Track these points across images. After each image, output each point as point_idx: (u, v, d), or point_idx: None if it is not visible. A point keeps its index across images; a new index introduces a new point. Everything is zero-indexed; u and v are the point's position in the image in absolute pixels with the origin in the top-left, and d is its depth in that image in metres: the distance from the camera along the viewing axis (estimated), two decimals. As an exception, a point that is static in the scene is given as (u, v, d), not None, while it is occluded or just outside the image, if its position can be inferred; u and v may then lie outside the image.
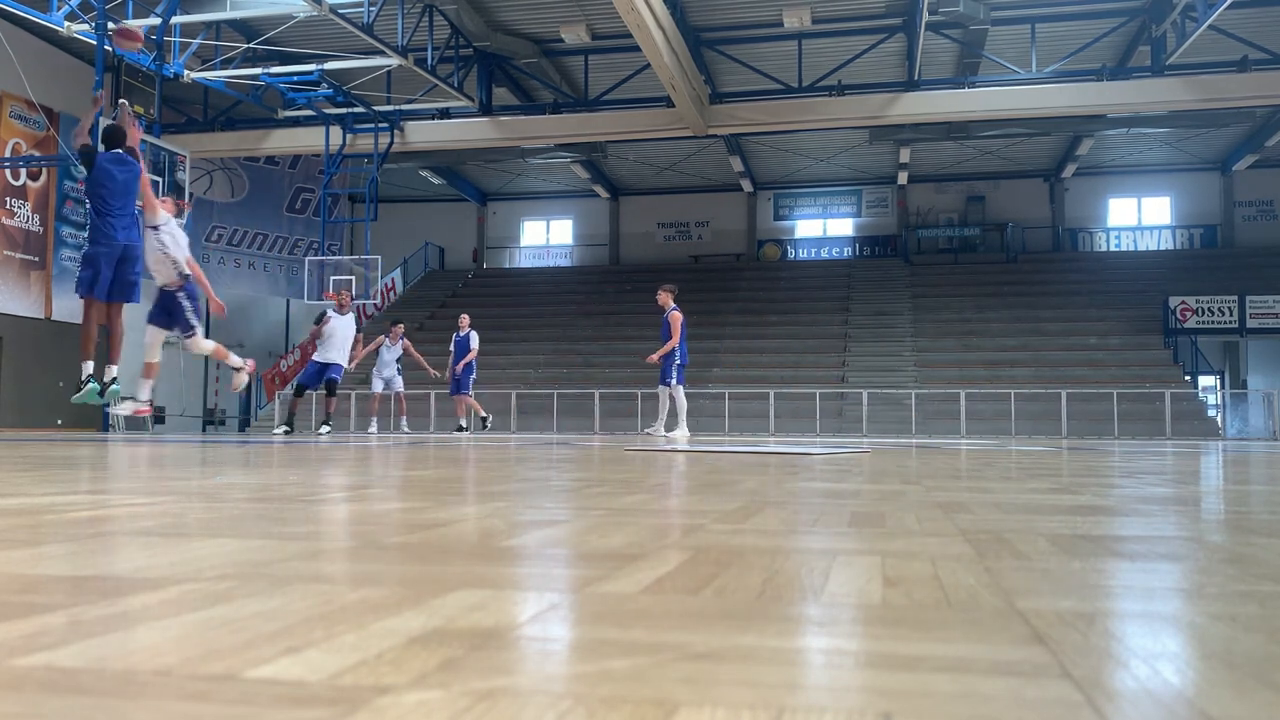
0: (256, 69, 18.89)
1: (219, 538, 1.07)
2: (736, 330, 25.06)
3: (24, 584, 0.75)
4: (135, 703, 0.43)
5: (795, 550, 0.98)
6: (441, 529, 1.17)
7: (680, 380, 13.31)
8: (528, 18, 19.26)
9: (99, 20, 15.13)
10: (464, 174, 29.30)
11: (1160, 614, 0.67)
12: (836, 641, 0.57)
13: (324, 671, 0.49)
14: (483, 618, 0.63)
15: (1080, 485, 2.15)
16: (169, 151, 16.78)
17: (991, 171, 28.14)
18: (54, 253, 20.11)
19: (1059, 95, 18.19)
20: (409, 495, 1.76)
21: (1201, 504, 1.66)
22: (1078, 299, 24.25)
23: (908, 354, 23.43)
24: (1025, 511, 1.47)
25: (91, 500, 1.59)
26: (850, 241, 29.95)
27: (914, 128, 21.43)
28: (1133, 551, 0.99)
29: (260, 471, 2.65)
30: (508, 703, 0.44)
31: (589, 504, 1.58)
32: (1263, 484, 2.27)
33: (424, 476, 2.42)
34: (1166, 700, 0.45)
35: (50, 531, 1.12)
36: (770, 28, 19.13)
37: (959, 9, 16.08)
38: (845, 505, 1.56)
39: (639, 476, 2.44)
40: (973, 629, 0.60)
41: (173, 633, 0.58)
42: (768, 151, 26.81)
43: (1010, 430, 19.31)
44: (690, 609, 0.66)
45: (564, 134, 20.78)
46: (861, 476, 2.48)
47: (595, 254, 31.25)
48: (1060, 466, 3.26)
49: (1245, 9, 16.14)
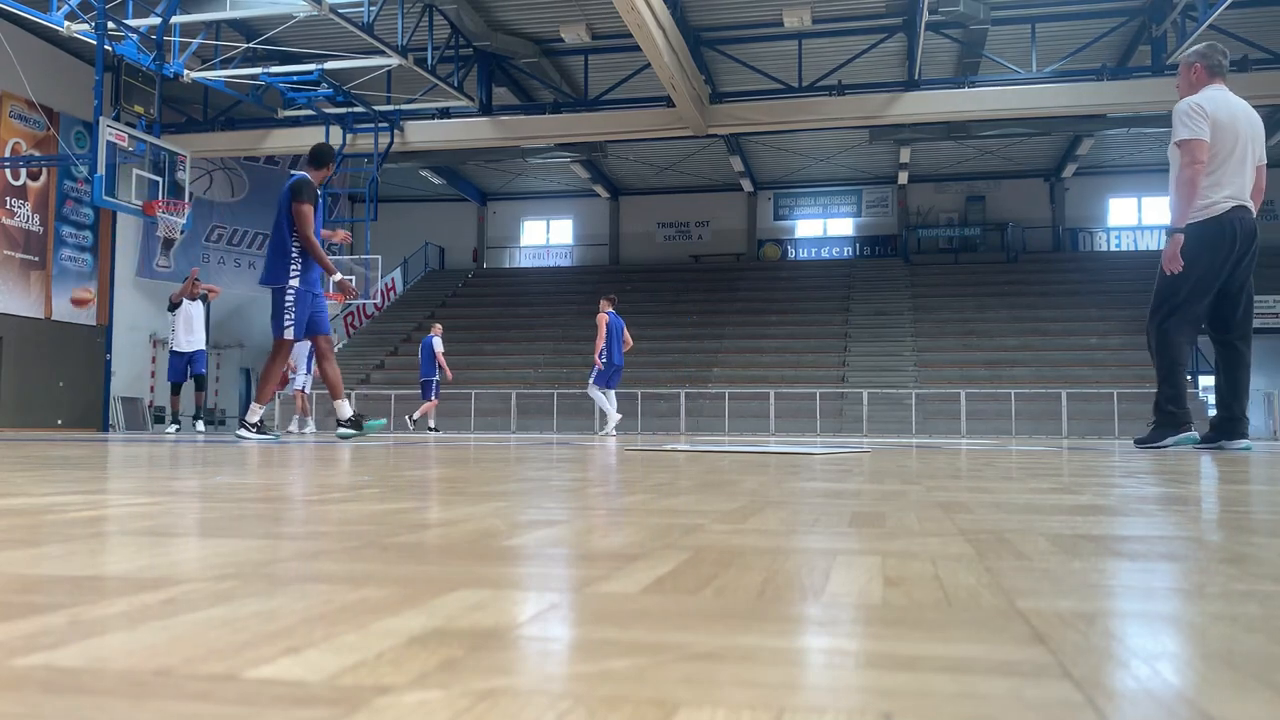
0: (256, 69, 18.89)
1: (219, 538, 1.07)
2: (736, 330, 25.05)
3: (24, 584, 0.75)
4: (135, 703, 0.43)
5: (795, 550, 0.98)
6: (441, 529, 1.17)
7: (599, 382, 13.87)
8: (528, 17, 19.25)
9: (99, 20, 15.12)
10: (464, 174, 29.28)
11: (1160, 614, 0.67)
12: (837, 641, 0.57)
13: (324, 671, 0.49)
14: (483, 618, 0.63)
15: (1080, 485, 2.15)
16: (169, 151, 16.77)
17: (991, 171, 28.13)
18: (54, 253, 20.10)
19: (1059, 95, 18.19)
20: (409, 495, 1.76)
21: (1202, 504, 1.66)
22: (1078, 299, 24.25)
23: (908, 354, 23.41)
24: (1025, 511, 1.47)
25: (91, 500, 1.60)
26: (850, 241, 29.94)
27: (914, 127, 21.43)
28: (1133, 551, 0.99)
29: (260, 471, 2.65)
30: (508, 703, 0.44)
31: (589, 504, 1.58)
32: (1263, 484, 2.27)
33: (424, 476, 2.43)
34: (1167, 700, 0.45)
35: (50, 531, 1.12)
36: (770, 27, 19.13)
37: (959, 9, 16.08)
38: (845, 505, 1.56)
39: (639, 476, 2.44)
40: (973, 629, 0.60)
41: (173, 633, 0.58)
42: (768, 151, 26.79)
43: (1010, 430, 19.31)
44: (690, 609, 0.66)
45: (564, 134, 20.77)
46: (862, 476, 2.48)
47: (595, 254, 31.22)
48: (1060, 466, 3.26)
49: (1245, 9, 16.15)
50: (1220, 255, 5.47)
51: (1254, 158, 5.52)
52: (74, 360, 20.37)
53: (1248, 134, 5.49)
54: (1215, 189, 5.48)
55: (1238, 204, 5.46)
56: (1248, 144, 5.49)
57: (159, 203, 16.12)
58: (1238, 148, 5.47)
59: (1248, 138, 5.49)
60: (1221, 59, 5.74)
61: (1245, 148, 5.48)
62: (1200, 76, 5.72)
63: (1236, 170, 5.46)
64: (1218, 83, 5.66)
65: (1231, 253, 5.47)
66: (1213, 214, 5.47)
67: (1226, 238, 5.45)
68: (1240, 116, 5.52)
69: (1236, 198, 5.46)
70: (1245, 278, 5.56)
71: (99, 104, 15.33)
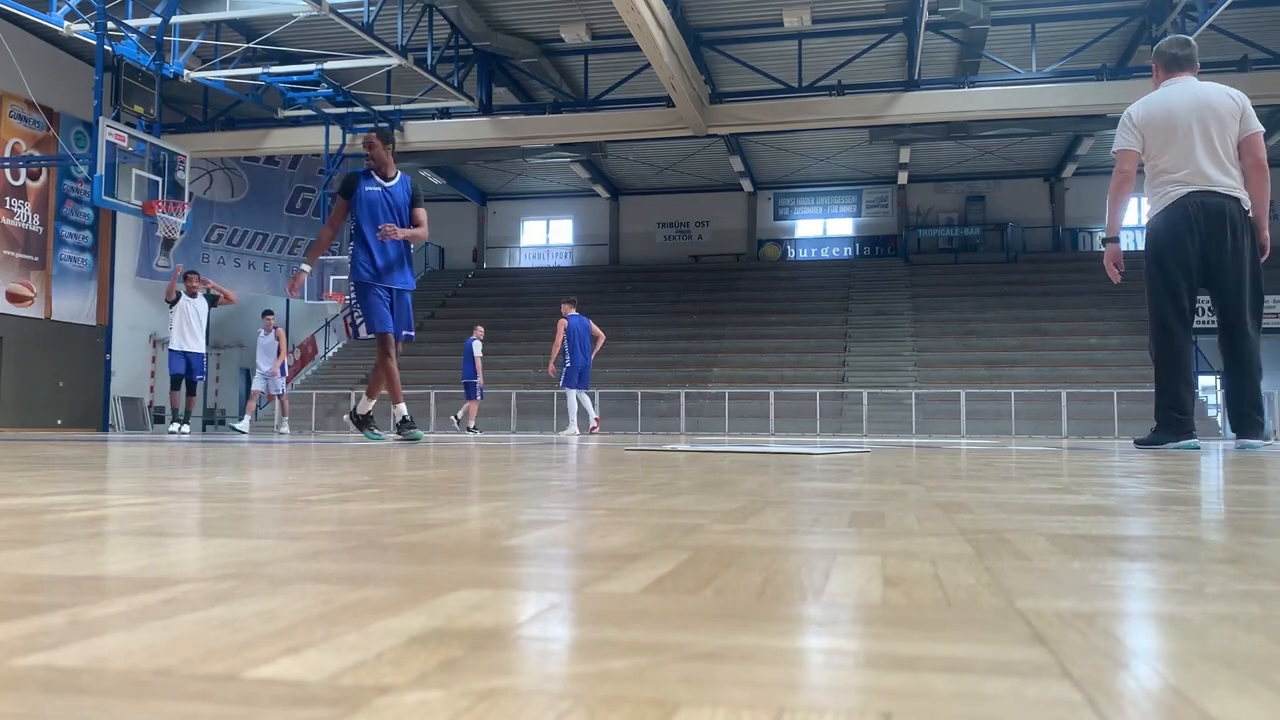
0: (256, 69, 18.89)
1: (219, 538, 1.07)
2: (736, 330, 25.04)
3: (24, 584, 0.75)
4: (136, 703, 0.43)
5: (795, 550, 0.98)
6: (441, 529, 1.17)
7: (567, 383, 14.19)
8: (528, 17, 19.24)
9: (99, 20, 15.12)
10: (464, 174, 29.27)
11: (1160, 614, 0.67)
12: (837, 641, 0.57)
13: (324, 671, 0.49)
14: (483, 618, 0.63)
15: (1080, 485, 2.15)
16: (169, 151, 16.77)
17: (991, 171, 28.12)
18: (54, 253, 20.10)
19: (1059, 95, 18.19)
20: (409, 495, 1.76)
21: (1202, 504, 1.66)
22: (1078, 299, 24.26)
23: (908, 354, 23.41)
24: (1025, 511, 1.47)
25: (91, 500, 1.60)
26: (850, 241, 29.93)
27: (914, 127, 21.42)
28: (1133, 551, 0.99)
29: (259, 471, 2.65)
30: (508, 703, 0.44)
31: (589, 504, 1.58)
32: (1263, 484, 2.27)
33: (424, 476, 2.43)
34: (1167, 700, 0.45)
35: (50, 531, 1.12)
36: (770, 27, 19.12)
37: (959, 9, 16.08)
38: (845, 505, 1.56)
39: (639, 476, 2.44)
40: (973, 629, 0.60)
41: (173, 633, 0.58)
42: (768, 151, 26.79)
43: (1010, 430, 19.31)
44: (690, 609, 0.66)
45: (564, 134, 20.77)
46: (861, 476, 2.48)
47: (595, 254, 31.21)
48: (1060, 466, 3.26)
49: (1245, 9, 16.15)
50: (1179, 243, 5.32)
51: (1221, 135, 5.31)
52: (74, 360, 20.37)
53: (1194, 116, 5.31)
54: (1163, 181, 5.38)
55: (1193, 189, 5.30)
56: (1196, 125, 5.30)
57: (159, 203, 16.12)
58: (1178, 134, 5.32)
59: (1196, 119, 5.31)
60: (1177, 50, 5.62)
61: (1192, 130, 5.30)
62: (1158, 73, 5.69)
63: (1185, 154, 5.31)
64: (1176, 75, 5.58)
65: (1192, 236, 5.30)
66: (1164, 205, 5.40)
67: (1180, 224, 5.31)
68: (1180, 104, 5.36)
69: (1189, 182, 5.31)
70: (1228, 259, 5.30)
71: (99, 104, 15.33)
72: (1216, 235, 5.31)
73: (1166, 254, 5.40)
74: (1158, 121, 5.42)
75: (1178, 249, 5.36)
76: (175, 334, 13.35)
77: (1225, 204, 5.32)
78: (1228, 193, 5.33)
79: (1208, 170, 5.32)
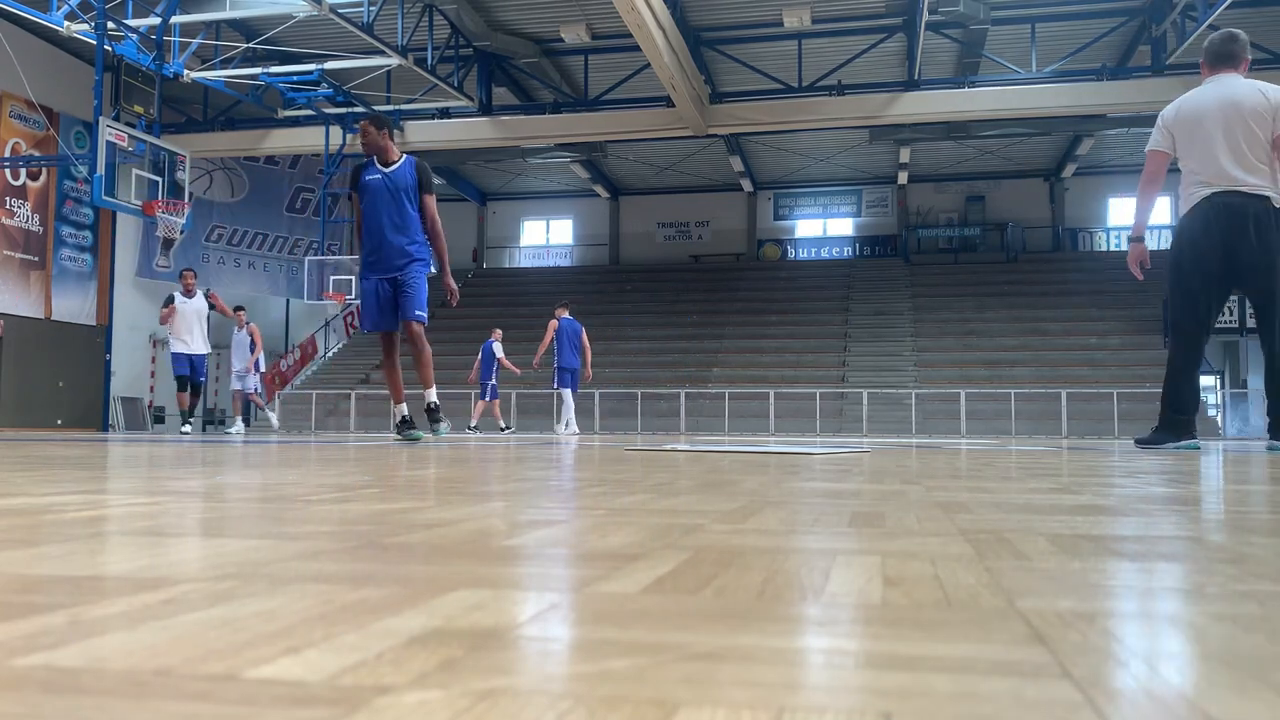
0: (256, 69, 18.89)
1: (219, 538, 1.07)
2: (736, 330, 25.05)
3: (24, 584, 0.75)
4: (136, 703, 0.43)
5: (795, 550, 0.98)
6: (441, 529, 1.17)
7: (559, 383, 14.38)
8: (528, 17, 19.24)
9: (99, 20, 15.12)
10: (464, 174, 29.27)
11: (1160, 614, 0.67)
12: (836, 641, 0.57)
13: (324, 671, 0.49)
14: (483, 618, 0.63)
15: (1080, 485, 2.15)
16: (169, 151, 16.77)
17: (991, 171, 28.13)
18: (54, 253, 20.10)
19: (1059, 95, 18.19)
20: (409, 495, 1.76)
21: (1201, 504, 1.66)
22: (1078, 299, 24.27)
23: (908, 354, 23.42)
24: (1025, 511, 1.47)
25: (91, 500, 1.59)
26: (850, 241, 29.93)
27: (914, 127, 21.43)
28: (1133, 551, 0.99)
29: (259, 471, 2.65)
30: (508, 702, 0.44)
31: (589, 504, 1.58)
32: (1263, 484, 2.27)
33: (424, 476, 2.43)
34: (1167, 700, 0.45)
35: (50, 531, 1.12)
36: (770, 27, 19.12)
37: (959, 9, 16.08)
38: (845, 505, 1.56)
39: (639, 476, 2.44)
40: (973, 629, 0.60)
41: (173, 633, 0.58)
42: (768, 151, 26.79)
43: (1010, 430, 19.31)
44: (690, 609, 0.66)
45: (564, 134, 20.77)
46: (861, 476, 2.48)
47: (595, 254, 31.20)
48: (1060, 466, 3.26)
49: (1245, 9, 16.15)
50: (1198, 246, 5.28)
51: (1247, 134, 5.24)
52: (74, 360, 20.37)
53: (1219, 115, 5.28)
54: (1191, 182, 5.36)
55: (1216, 189, 5.25)
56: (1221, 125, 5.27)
57: (159, 203, 16.12)
58: (1203, 134, 5.30)
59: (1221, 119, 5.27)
60: (1219, 46, 5.61)
61: (1216, 129, 5.27)
62: (1204, 70, 5.69)
63: (1208, 155, 5.28)
64: (1219, 71, 5.57)
65: (1212, 238, 5.25)
66: (1189, 207, 5.38)
67: (1200, 227, 5.27)
68: (1209, 104, 5.34)
69: (1212, 183, 5.27)
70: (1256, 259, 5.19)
71: (99, 104, 15.32)
72: (1239, 235, 5.22)
73: (1185, 256, 5.36)
74: (1186, 122, 5.39)
75: (1197, 252, 5.32)
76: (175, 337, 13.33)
77: (1249, 203, 5.23)
78: (1253, 192, 5.24)
79: (1230, 170, 5.25)
